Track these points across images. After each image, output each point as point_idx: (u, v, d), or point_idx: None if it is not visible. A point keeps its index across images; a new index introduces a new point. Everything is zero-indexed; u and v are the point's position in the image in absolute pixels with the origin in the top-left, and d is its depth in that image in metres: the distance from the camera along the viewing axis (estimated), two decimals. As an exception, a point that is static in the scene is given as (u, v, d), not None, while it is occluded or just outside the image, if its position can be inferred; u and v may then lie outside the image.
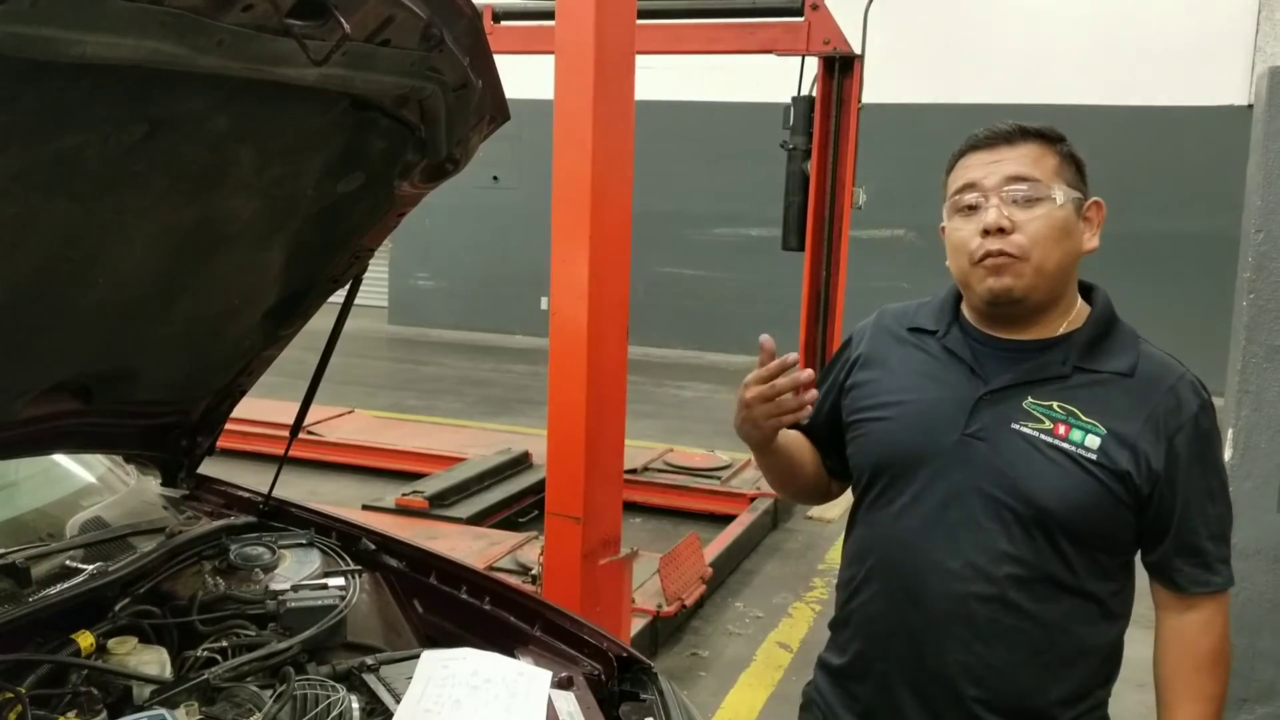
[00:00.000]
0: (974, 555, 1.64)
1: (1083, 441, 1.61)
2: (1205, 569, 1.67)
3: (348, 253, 1.94)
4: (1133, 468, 1.60)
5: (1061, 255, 1.64)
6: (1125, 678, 1.78)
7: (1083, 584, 1.65)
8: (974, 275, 1.65)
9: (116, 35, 1.10)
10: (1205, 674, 1.68)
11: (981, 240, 1.62)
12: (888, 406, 1.75)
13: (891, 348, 1.80)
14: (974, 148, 1.69)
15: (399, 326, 14.49)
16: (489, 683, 1.64)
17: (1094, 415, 1.62)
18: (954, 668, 1.66)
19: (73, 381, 1.80)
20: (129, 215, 1.48)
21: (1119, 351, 1.69)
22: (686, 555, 5.04)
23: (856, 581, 1.78)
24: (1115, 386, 1.65)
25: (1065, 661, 1.67)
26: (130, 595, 1.80)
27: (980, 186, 1.65)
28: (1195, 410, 1.65)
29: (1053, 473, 1.61)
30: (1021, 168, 1.63)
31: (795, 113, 6.46)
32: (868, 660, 1.76)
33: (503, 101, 1.72)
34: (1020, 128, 1.67)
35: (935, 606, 1.66)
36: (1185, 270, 10.93)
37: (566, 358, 3.32)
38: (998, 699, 1.66)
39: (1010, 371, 1.67)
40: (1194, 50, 10.82)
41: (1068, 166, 1.67)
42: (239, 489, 2.31)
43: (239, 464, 3.52)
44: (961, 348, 1.72)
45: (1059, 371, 1.66)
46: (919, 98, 11.19)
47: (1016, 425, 1.64)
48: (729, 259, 12.69)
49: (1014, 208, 1.62)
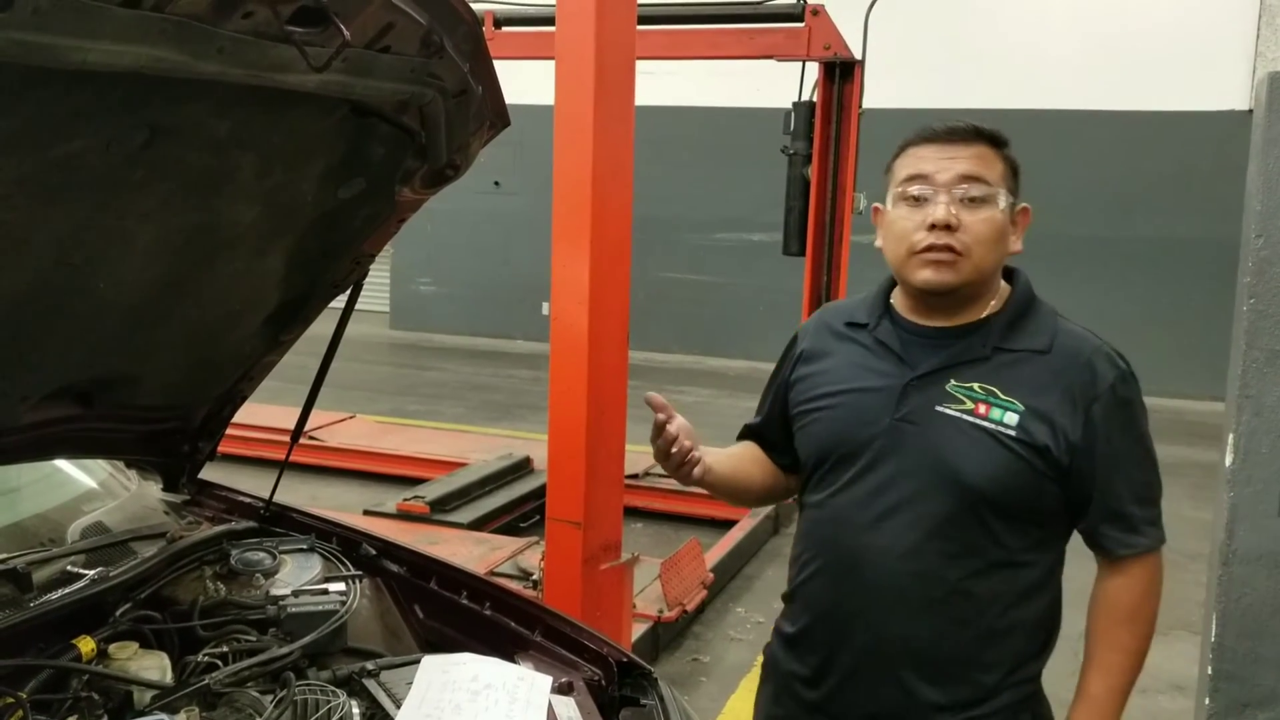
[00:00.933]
0: (906, 533, 1.73)
1: (1001, 419, 1.69)
2: (1130, 532, 1.75)
3: (348, 258, 1.94)
4: (1051, 441, 1.68)
5: (997, 257, 1.74)
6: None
7: (1012, 557, 1.73)
8: (911, 265, 1.73)
9: (118, 43, 1.11)
10: (1122, 628, 1.76)
11: (926, 233, 1.69)
12: (827, 398, 1.84)
13: (831, 343, 1.89)
14: (927, 140, 1.75)
15: (400, 331, 14.49)
16: (489, 688, 1.64)
17: (1012, 393, 1.70)
18: (889, 641, 1.75)
19: (74, 387, 1.81)
20: (130, 221, 1.49)
21: (1036, 330, 1.76)
22: (687, 560, 5.04)
23: (802, 559, 1.89)
24: (1033, 364, 1.73)
25: (996, 633, 1.74)
26: (131, 600, 1.81)
27: (932, 180, 1.70)
28: (1111, 380, 1.71)
29: (975, 451, 1.69)
30: (974, 168, 1.70)
31: (796, 118, 6.46)
32: (813, 632, 1.86)
33: (503, 107, 1.72)
34: (975, 128, 1.74)
35: (871, 582, 1.75)
36: (1185, 275, 10.93)
37: (567, 363, 3.32)
38: (931, 670, 1.75)
39: (935, 357, 1.76)
40: (1195, 55, 10.82)
41: (1010, 172, 1.75)
42: (240, 494, 2.31)
43: (240, 469, 3.52)
44: (891, 338, 1.81)
45: (980, 353, 1.74)
46: (920, 103, 11.17)
47: (941, 407, 1.72)
48: (730, 264, 12.68)
49: (961, 206, 1.69)
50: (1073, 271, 11.23)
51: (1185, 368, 10.80)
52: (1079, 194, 11.31)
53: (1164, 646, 4.90)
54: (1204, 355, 9.87)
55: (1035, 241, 1.62)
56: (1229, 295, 2.62)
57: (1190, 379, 10.70)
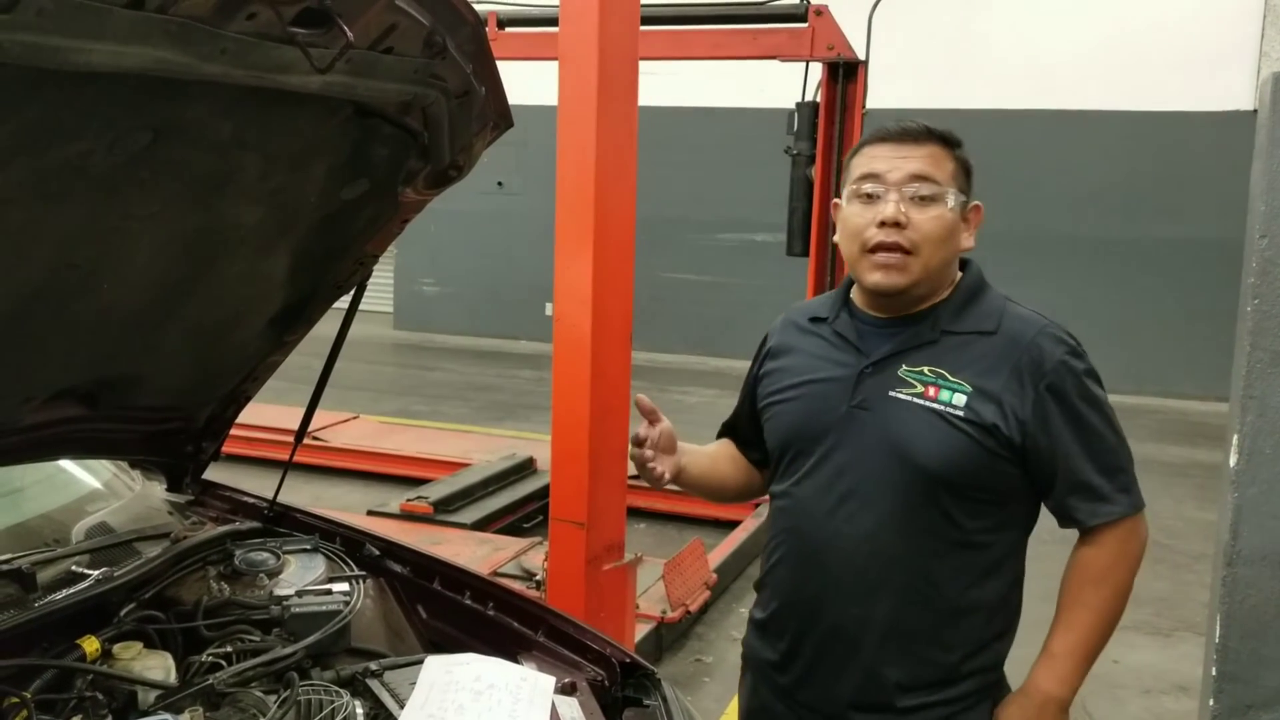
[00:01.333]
0: (863, 517, 1.79)
1: (950, 400, 1.74)
2: (1100, 501, 1.77)
3: (352, 259, 1.95)
4: (1000, 420, 1.72)
5: (946, 254, 1.79)
6: (1126, 684, 1.80)
7: (969, 538, 1.77)
8: (863, 264, 1.80)
9: (121, 44, 1.11)
10: (1090, 587, 1.79)
11: (876, 230, 1.76)
12: (791, 389, 1.91)
13: (796, 338, 1.97)
14: (881, 140, 1.81)
15: (404, 332, 14.50)
16: (492, 688, 1.64)
17: (960, 374, 1.76)
18: (852, 623, 1.81)
19: (78, 387, 1.81)
20: (133, 222, 1.49)
21: (984, 313, 1.82)
22: (691, 561, 5.04)
23: (771, 547, 1.96)
24: (980, 345, 1.78)
25: (957, 613, 1.79)
26: (135, 600, 1.81)
27: (883, 179, 1.77)
28: (1060, 357, 1.75)
29: (927, 433, 1.74)
30: (924, 167, 1.76)
31: (800, 118, 6.45)
32: (781, 618, 1.92)
33: (506, 108, 1.72)
34: (927, 129, 1.79)
35: (832, 566, 1.82)
36: (1190, 275, 10.92)
37: (571, 363, 3.32)
38: (893, 650, 1.79)
39: (887, 344, 1.83)
40: (1200, 56, 10.81)
41: (961, 171, 1.80)
42: (244, 494, 2.31)
43: (244, 469, 3.52)
44: (848, 329, 1.88)
45: (929, 337, 1.80)
46: (924, 103, 11.17)
47: (893, 392, 1.78)
48: (733, 264, 12.68)
49: (911, 204, 1.75)
50: (1077, 272, 11.23)
51: (1190, 368, 10.80)
52: (1083, 194, 11.30)
53: (1168, 647, 4.92)
54: (1208, 356, 9.86)
55: (1039, 242, 1.63)
56: (1233, 296, 2.62)
57: (1194, 379, 10.69)
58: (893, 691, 1.80)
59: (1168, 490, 7.52)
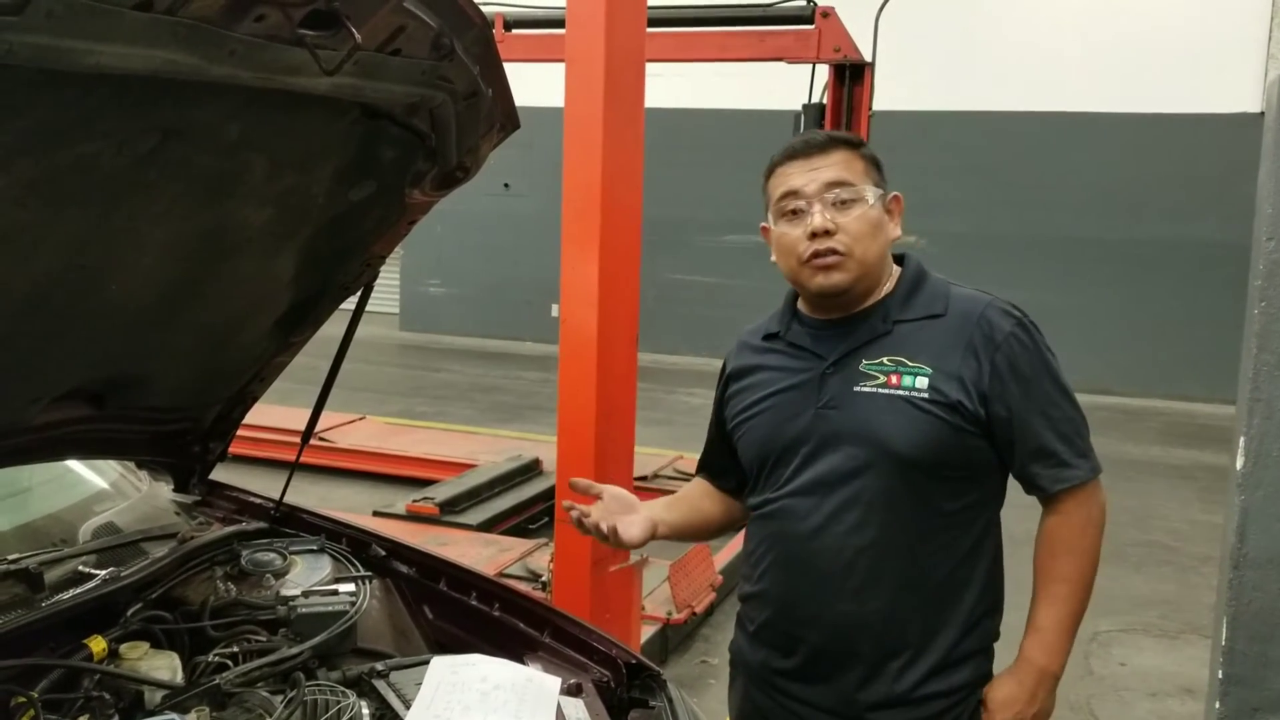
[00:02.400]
0: (846, 512, 1.81)
1: (914, 384, 1.79)
2: (1061, 466, 1.81)
3: (359, 260, 1.95)
4: (962, 395, 1.77)
5: (879, 247, 1.85)
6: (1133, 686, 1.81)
7: (951, 519, 1.82)
8: (804, 273, 1.85)
9: (130, 46, 1.12)
10: (1063, 558, 1.84)
11: (809, 242, 1.82)
12: (757, 404, 1.95)
13: (752, 358, 2.02)
14: (791, 157, 1.87)
15: (410, 333, 14.51)
16: (498, 689, 1.64)
17: (919, 359, 1.81)
18: (845, 618, 1.84)
19: (85, 388, 1.81)
20: (141, 223, 1.49)
21: (931, 298, 1.87)
22: (696, 563, 5.04)
23: (754, 558, 1.97)
24: (932, 328, 1.83)
25: (946, 592, 1.84)
26: (142, 600, 1.81)
27: (803, 194, 1.83)
28: (1009, 329, 1.81)
29: (896, 419, 1.78)
30: (838, 173, 1.82)
31: (806, 120, 6.44)
32: (774, 624, 1.93)
33: (513, 110, 1.73)
34: (831, 137, 1.87)
35: (821, 566, 1.84)
36: (1196, 278, 10.89)
37: (577, 364, 3.33)
38: (890, 638, 1.83)
39: (843, 343, 1.87)
40: (1206, 58, 10.79)
41: (872, 168, 1.86)
42: (250, 495, 2.32)
43: (250, 470, 3.52)
44: (802, 338, 1.93)
45: (881, 330, 1.85)
46: (930, 105, 11.18)
47: (858, 387, 1.83)
48: (739, 266, 12.66)
49: (834, 210, 1.81)
50: (1082, 274, 11.21)
51: (1196, 370, 10.77)
52: (1089, 196, 11.28)
53: (1174, 650, 4.91)
54: (1215, 358, 9.82)
55: (1044, 243, 1.62)
56: (1240, 298, 2.61)
57: (1201, 382, 10.66)
58: (892, 679, 1.83)
59: (1174, 493, 7.51)
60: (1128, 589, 5.48)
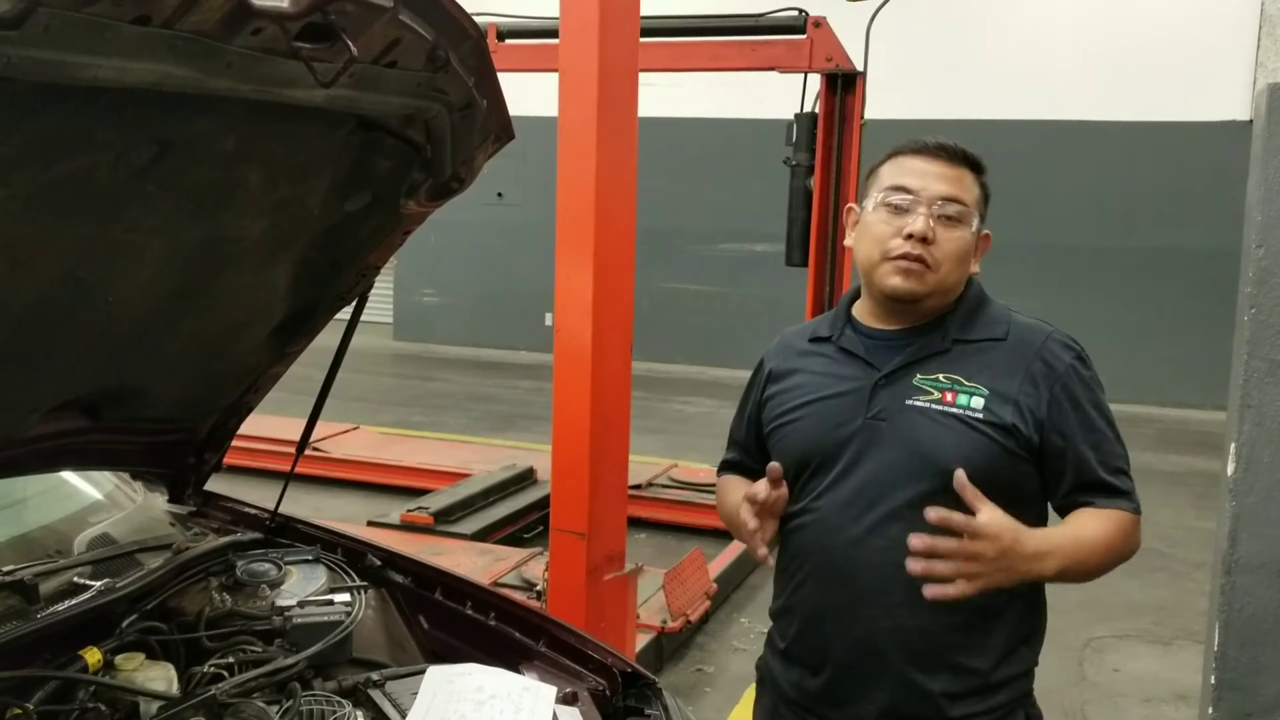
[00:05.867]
0: (889, 526, 1.76)
1: (969, 404, 1.76)
2: (1114, 496, 1.79)
3: (354, 270, 1.96)
4: (1018, 420, 1.75)
5: (960, 275, 1.83)
6: (1127, 692, 1.80)
7: None
8: (883, 269, 1.81)
9: (128, 59, 1.12)
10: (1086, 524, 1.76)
11: (902, 241, 1.78)
12: (799, 408, 1.90)
13: (796, 360, 1.96)
14: (917, 153, 1.83)
15: (404, 342, 14.51)
16: (494, 698, 1.65)
17: (976, 379, 1.78)
18: (883, 636, 1.79)
19: (81, 399, 1.81)
20: (138, 235, 1.50)
21: (991, 321, 1.86)
22: (691, 571, 5.04)
23: (790, 569, 1.91)
24: (992, 351, 1.81)
25: (984, 616, 1.78)
26: (138, 611, 1.81)
27: (915, 193, 1.79)
28: (1069, 361, 1.80)
29: (948, 437, 1.75)
30: (956, 189, 1.79)
31: (798, 129, 6.47)
32: (807, 638, 1.88)
33: (507, 120, 1.74)
34: (963, 151, 1.83)
35: (861, 581, 1.79)
36: (1187, 285, 10.94)
37: (571, 373, 3.33)
38: (925, 658, 1.78)
39: (898, 355, 1.83)
40: (1195, 66, 10.85)
41: (983, 199, 1.84)
42: (245, 505, 2.31)
43: (245, 480, 3.53)
44: (855, 344, 1.89)
45: (940, 347, 1.82)
46: (922, 114, 11.19)
47: (911, 401, 1.79)
48: (733, 275, 12.70)
49: (938, 222, 1.78)
50: (1074, 281, 11.24)
51: (1187, 377, 10.80)
52: (1080, 204, 11.33)
53: (1168, 656, 4.92)
54: (1206, 365, 9.86)
55: (1037, 251, 1.64)
56: (1230, 305, 2.63)
57: (1192, 388, 10.70)
58: (925, 701, 1.78)
59: (1167, 499, 7.53)
60: (1122, 595, 5.49)
